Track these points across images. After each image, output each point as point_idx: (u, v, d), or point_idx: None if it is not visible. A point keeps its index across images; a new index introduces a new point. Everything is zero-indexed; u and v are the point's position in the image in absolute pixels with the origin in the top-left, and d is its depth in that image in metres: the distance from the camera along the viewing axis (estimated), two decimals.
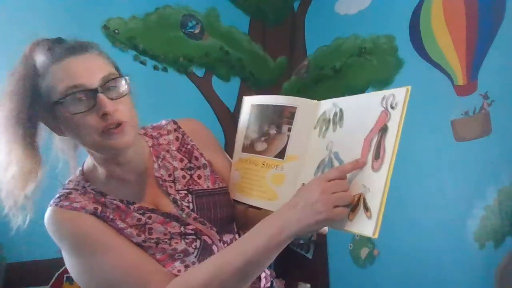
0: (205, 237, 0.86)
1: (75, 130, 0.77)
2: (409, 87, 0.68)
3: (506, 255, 1.58)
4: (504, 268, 1.58)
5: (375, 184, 0.68)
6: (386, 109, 0.71)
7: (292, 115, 0.87)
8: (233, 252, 0.75)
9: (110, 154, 0.81)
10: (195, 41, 2.34)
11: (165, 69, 2.25)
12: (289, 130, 0.87)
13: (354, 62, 2.19)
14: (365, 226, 0.68)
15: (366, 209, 0.68)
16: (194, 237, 0.85)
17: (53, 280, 1.83)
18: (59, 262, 0.76)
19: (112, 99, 0.76)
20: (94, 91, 0.75)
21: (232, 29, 2.47)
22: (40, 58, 0.78)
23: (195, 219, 0.87)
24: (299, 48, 2.56)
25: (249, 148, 0.93)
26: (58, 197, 0.82)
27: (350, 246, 2.16)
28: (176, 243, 0.83)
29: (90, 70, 0.77)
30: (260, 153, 0.91)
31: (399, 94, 0.70)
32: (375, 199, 0.68)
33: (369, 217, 0.68)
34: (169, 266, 0.82)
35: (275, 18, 2.59)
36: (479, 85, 1.65)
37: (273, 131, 0.89)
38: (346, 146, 0.77)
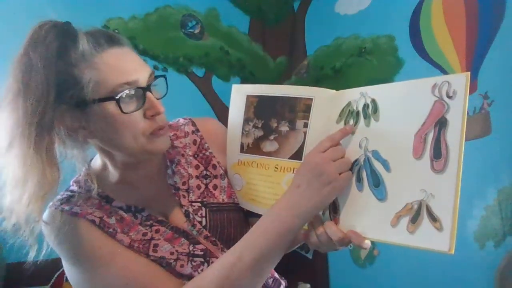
0: (213, 259, 0.77)
1: (115, 131, 0.68)
2: (469, 73, 0.59)
3: (506, 255, 1.57)
4: (504, 268, 1.58)
5: (442, 189, 0.58)
6: (441, 98, 0.60)
7: (307, 108, 0.74)
8: (243, 248, 0.68)
9: (143, 158, 0.74)
10: (195, 41, 2.34)
11: (165, 69, 2.25)
12: (306, 126, 0.75)
13: (354, 62, 2.19)
14: (436, 239, 0.58)
15: (433, 219, 0.58)
16: (202, 259, 0.77)
17: (53, 280, 1.83)
18: (59, 262, 0.75)
19: (157, 98, 0.71)
20: (145, 89, 0.69)
21: (232, 29, 2.46)
22: (71, 43, 0.66)
23: (206, 237, 0.79)
24: (299, 48, 2.56)
25: (252, 148, 0.81)
26: (59, 200, 0.75)
27: (350, 246, 2.16)
28: (182, 266, 0.75)
29: (139, 66, 0.70)
30: (269, 154, 0.79)
31: (456, 81, 0.59)
32: (445, 206, 0.57)
33: (439, 229, 0.57)
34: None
35: (275, 18, 2.59)
36: (479, 85, 1.65)
37: (284, 128, 0.77)
38: (388, 143, 0.66)
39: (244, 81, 2.48)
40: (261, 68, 2.55)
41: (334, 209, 0.72)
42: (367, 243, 0.67)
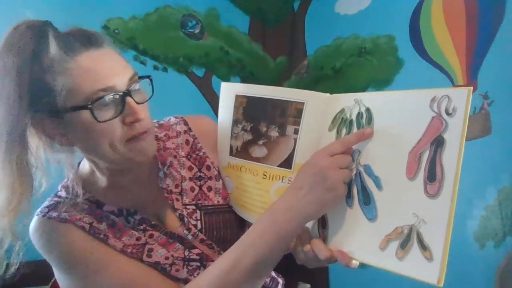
0: (210, 263, 0.74)
1: (92, 140, 0.65)
2: (471, 88, 0.53)
3: (506, 255, 1.57)
4: (504, 268, 1.58)
5: (434, 215, 0.54)
6: (439, 115, 0.55)
7: (299, 113, 0.70)
8: (241, 251, 0.66)
9: (127, 165, 0.71)
10: (195, 41, 2.34)
11: (165, 69, 2.25)
12: (296, 132, 0.70)
13: (354, 62, 2.19)
14: (424, 269, 0.54)
15: (423, 247, 0.54)
16: (198, 263, 0.75)
17: (53, 280, 1.82)
18: None
19: (138, 103, 0.66)
20: (123, 95, 0.64)
21: (232, 29, 2.46)
22: (43, 47, 0.61)
23: (202, 241, 0.77)
24: (299, 48, 2.56)
25: (241, 152, 0.77)
26: (47, 207, 0.72)
27: None
28: (177, 270, 0.73)
29: (118, 69, 0.65)
30: (258, 160, 0.74)
31: (457, 96, 0.54)
32: (437, 235, 0.53)
33: (429, 259, 0.54)
34: None
35: (275, 18, 2.59)
36: (479, 85, 1.65)
37: (274, 133, 0.72)
38: (381, 159, 0.61)
39: (244, 81, 2.48)
40: (261, 68, 2.55)
41: (322, 223, 0.69)
42: (355, 263, 0.62)
